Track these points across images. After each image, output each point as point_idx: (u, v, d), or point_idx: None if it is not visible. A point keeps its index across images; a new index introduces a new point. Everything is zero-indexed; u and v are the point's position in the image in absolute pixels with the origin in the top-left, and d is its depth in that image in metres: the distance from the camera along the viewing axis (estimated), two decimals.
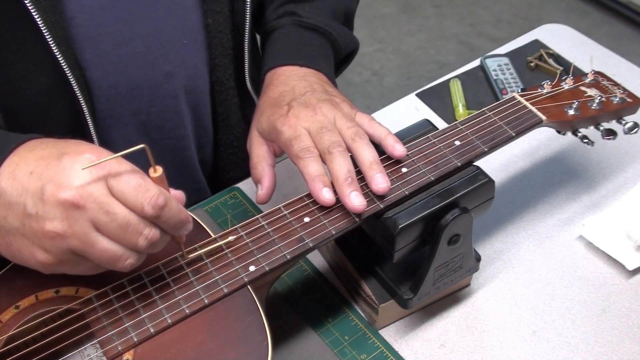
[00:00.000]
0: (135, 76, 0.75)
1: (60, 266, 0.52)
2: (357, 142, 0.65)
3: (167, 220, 0.52)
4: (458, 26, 2.61)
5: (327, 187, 0.63)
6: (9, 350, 0.54)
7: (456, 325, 0.72)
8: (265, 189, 0.68)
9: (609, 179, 0.87)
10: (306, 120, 0.67)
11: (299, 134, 0.66)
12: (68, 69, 0.68)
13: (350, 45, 0.85)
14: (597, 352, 0.69)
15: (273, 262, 0.59)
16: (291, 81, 0.73)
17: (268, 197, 0.68)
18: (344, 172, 0.63)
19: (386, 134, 0.67)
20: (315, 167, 0.64)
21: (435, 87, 1.01)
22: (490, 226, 0.81)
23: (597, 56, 1.03)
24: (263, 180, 0.68)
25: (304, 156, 0.64)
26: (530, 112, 0.72)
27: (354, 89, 2.33)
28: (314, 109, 0.68)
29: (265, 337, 0.55)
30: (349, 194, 0.62)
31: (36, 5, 0.64)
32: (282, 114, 0.68)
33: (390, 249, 0.63)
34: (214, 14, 0.78)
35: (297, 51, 0.78)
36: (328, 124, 0.66)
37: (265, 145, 0.71)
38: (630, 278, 0.76)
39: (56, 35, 0.66)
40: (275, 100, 0.71)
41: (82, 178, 0.50)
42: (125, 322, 0.55)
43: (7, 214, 0.51)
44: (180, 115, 0.81)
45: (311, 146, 0.65)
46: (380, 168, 0.64)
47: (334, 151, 0.64)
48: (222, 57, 0.82)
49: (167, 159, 0.83)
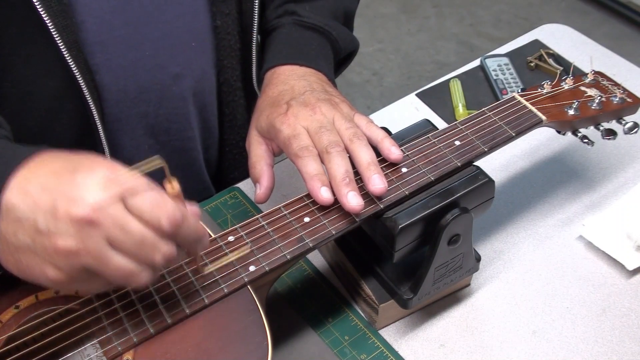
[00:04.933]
0: (144, 79, 0.75)
1: (72, 284, 0.50)
2: (355, 143, 0.65)
3: (184, 236, 0.51)
4: (458, 26, 2.61)
5: (325, 186, 0.63)
6: (9, 350, 0.54)
7: (456, 325, 0.72)
8: (263, 189, 0.68)
9: (609, 179, 0.87)
10: (305, 120, 0.67)
11: (298, 132, 0.66)
12: (78, 73, 0.68)
13: (350, 45, 0.85)
14: (597, 352, 0.69)
15: (273, 262, 0.59)
16: (290, 80, 0.73)
17: (266, 197, 0.68)
18: (342, 172, 0.63)
19: (383, 136, 0.67)
20: (313, 166, 0.64)
21: (435, 87, 1.01)
22: (490, 226, 0.81)
23: (597, 56, 1.03)
24: (262, 180, 0.68)
25: (302, 155, 0.64)
26: (530, 112, 0.72)
27: (354, 89, 2.33)
28: (313, 109, 0.68)
29: (265, 337, 0.55)
30: (347, 194, 0.62)
31: (47, 10, 0.64)
32: (281, 113, 0.68)
33: (390, 249, 0.63)
34: (223, 16, 0.78)
35: (297, 51, 0.78)
36: (327, 123, 0.66)
37: (264, 144, 0.71)
38: (630, 278, 0.76)
39: (67, 39, 0.66)
40: (275, 99, 0.71)
41: (96, 194, 0.48)
42: (125, 322, 0.55)
43: (17, 230, 0.49)
44: (187, 117, 0.81)
45: (310, 145, 0.65)
46: (378, 169, 0.64)
47: (332, 151, 0.64)
48: (230, 58, 0.82)
49: (173, 160, 0.83)
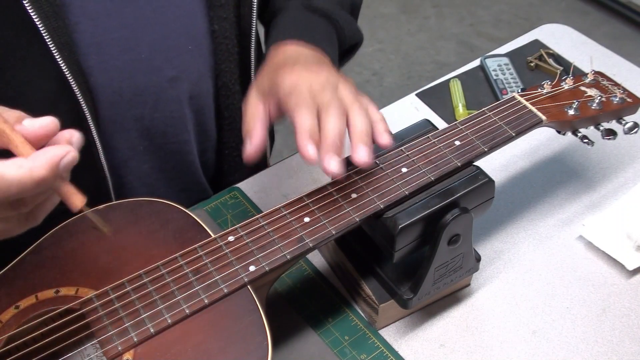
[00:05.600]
0: (140, 82, 0.74)
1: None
2: (355, 109, 0.62)
3: None
4: (458, 26, 2.61)
5: (314, 143, 0.60)
6: (9, 350, 0.54)
7: (456, 325, 0.72)
8: (253, 145, 0.64)
9: (609, 179, 0.87)
10: (309, 78, 0.64)
11: (300, 87, 0.63)
12: (70, 74, 0.67)
13: (355, 36, 0.84)
14: (597, 352, 0.69)
15: (273, 262, 0.59)
16: (296, 53, 0.72)
17: (255, 155, 0.64)
18: (334, 133, 0.60)
19: (379, 119, 0.65)
20: (308, 120, 0.61)
21: (435, 87, 1.01)
22: (490, 226, 0.81)
23: (597, 56, 1.03)
24: (253, 134, 0.64)
25: (300, 107, 0.61)
26: (530, 112, 0.72)
27: None
28: (318, 72, 0.65)
29: (265, 337, 0.55)
30: (329, 157, 0.59)
31: (38, 12, 0.63)
32: (286, 71, 0.65)
33: (390, 249, 0.63)
34: (220, 20, 0.78)
35: (305, 31, 0.76)
36: (330, 86, 0.64)
37: (261, 104, 0.67)
38: (630, 278, 0.76)
39: (58, 41, 0.65)
40: (279, 64, 0.69)
41: None
42: (125, 322, 0.55)
43: None
44: (183, 120, 0.80)
45: (309, 99, 0.62)
46: (369, 141, 0.61)
47: (330, 109, 0.61)
48: (228, 62, 0.82)
49: (169, 163, 0.83)
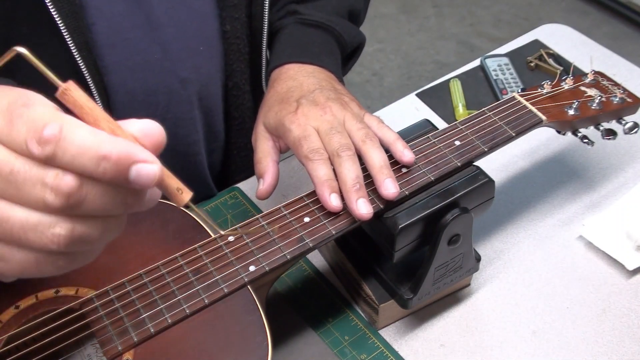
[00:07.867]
0: (152, 82, 0.75)
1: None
2: (367, 144, 0.64)
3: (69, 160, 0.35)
4: (458, 26, 2.61)
5: (335, 192, 0.62)
6: (9, 350, 0.53)
7: (456, 325, 0.72)
8: (267, 185, 0.67)
9: (609, 179, 0.87)
10: (315, 120, 0.66)
11: (308, 134, 0.65)
12: (88, 74, 0.68)
13: (356, 39, 0.84)
14: (597, 352, 0.69)
15: (273, 262, 0.59)
16: (299, 77, 0.72)
17: (268, 194, 0.68)
18: (352, 177, 0.62)
19: (395, 138, 0.66)
20: (324, 170, 0.63)
21: (435, 87, 1.01)
22: (490, 226, 0.81)
23: (597, 56, 1.03)
24: (266, 176, 0.67)
25: (313, 158, 0.63)
26: (530, 112, 0.72)
27: (354, 89, 2.33)
28: (323, 108, 0.67)
29: (265, 337, 0.55)
30: (356, 201, 0.61)
31: (59, 11, 0.64)
32: (291, 111, 0.67)
33: (390, 249, 0.63)
34: (232, 20, 0.78)
35: (301, 49, 0.77)
36: (337, 124, 0.65)
37: (271, 140, 0.70)
38: (630, 278, 0.76)
39: (77, 40, 0.66)
40: (284, 96, 0.70)
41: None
42: (125, 322, 0.55)
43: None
44: (193, 121, 0.81)
45: (320, 148, 0.64)
46: (390, 173, 0.63)
47: (342, 155, 0.63)
48: (239, 62, 0.82)
49: (177, 164, 0.83)
